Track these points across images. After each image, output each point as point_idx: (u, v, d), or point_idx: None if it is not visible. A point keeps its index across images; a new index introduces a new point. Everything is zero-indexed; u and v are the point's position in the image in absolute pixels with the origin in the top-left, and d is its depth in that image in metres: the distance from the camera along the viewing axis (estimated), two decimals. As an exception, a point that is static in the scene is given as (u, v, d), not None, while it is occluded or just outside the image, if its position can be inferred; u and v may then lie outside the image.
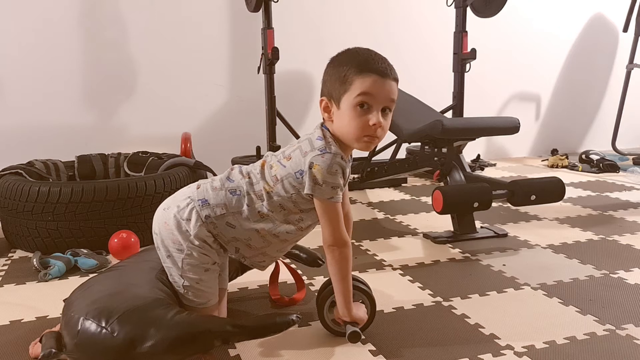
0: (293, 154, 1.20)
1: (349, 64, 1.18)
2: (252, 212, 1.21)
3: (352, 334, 1.23)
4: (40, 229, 1.91)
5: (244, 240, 1.23)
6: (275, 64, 2.82)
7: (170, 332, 1.03)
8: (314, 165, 1.15)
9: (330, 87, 1.20)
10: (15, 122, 2.93)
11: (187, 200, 1.22)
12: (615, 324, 1.34)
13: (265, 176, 1.22)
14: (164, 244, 1.22)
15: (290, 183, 1.19)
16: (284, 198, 1.20)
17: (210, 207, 1.20)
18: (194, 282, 1.20)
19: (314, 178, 1.15)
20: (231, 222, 1.21)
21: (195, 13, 3.18)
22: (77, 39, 2.99)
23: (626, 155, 3.73)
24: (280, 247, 1.29)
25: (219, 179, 1.25)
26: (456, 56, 2.98)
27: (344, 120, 1.17)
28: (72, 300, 1.15)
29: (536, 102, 4.14)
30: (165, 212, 1.23)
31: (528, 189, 1.98)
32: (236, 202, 1.21)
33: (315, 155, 1.16)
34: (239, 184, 1.23)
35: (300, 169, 1.18)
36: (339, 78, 1.18)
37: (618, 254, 1.86)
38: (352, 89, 1.16)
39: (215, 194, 1.21)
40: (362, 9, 3.52)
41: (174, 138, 2.87)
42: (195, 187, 1.25)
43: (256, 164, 1.27)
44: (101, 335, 1.02)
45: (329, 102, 1.21)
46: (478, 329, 1.33)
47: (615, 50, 4.27)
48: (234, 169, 1.28)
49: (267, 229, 1.22)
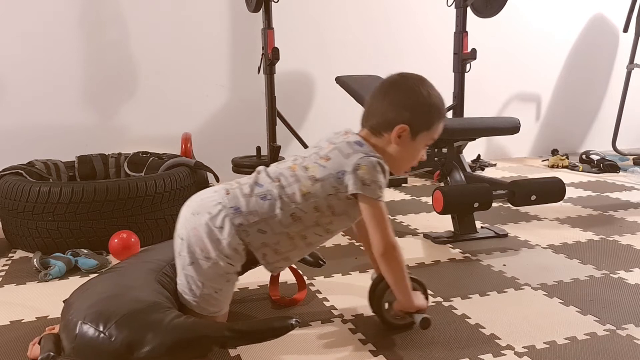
0: (331, 155, 1.22)
1: (438, 108, 1.27)
2: (285, 215, 1.20)
3: (423, 320, 1.25)
4: (40, 229, 1.91)
5: (272, 245, 1.23)
6: (275, 64, 2.82)
7: (168, 337, 1.03)
8: (361, 167, 1.18)
9: (415, 119, 1.24)
10: (16, 122, 2.93)
11: (219, 207, 1.20)
12: (615, 324, 1.33)
13: (300, 178, 1.22)
14: (190, 250, 1.20)
15: (330, 183, 1.20)
16: (321, 198, 1.20)
17: (243, 215, 1.20)
18: (213, 290, 1.21)
19: (362, 179, 1.17)
20: (263, 228, 1.20)
21: (195, 13, 3.18)
22: (78, 39, 2.99)
23: (626, 155, 3.73)
24: (303, 252, 1.29)
25: (247, 185, 1.24)
26: (456, 56, 2.98)
27: (409, 151, 1.26)
28: (71, 302, 1.15)
29: (536, 102, 4.13)
30: (194, 217, 1.22)
31: (528, 189, 1.97)
32: (268, 207, 1.20)
33: (362, 157, 1.19)
34: (268, 189, 1.22)
35: (342, 170, 1.19)
36: (426, 118, 1.25)
37: (618, 254, 1.86)
38: (431, 131, 1.27)
39: (247, 200, 1.21)
40: (362, 9, 3.52)
41: (174, 138, 2.87)
42: (223, 192, 1.24)
43: (283, 167, 1.27)
44: (99, 339, 1.02)
45: (409, 132, 1.24)
46: (478, 329, 1.33)
47: (616, 50, 4.27)
48: (260, 173, 1.27)
49: (296, 230, 1.22)
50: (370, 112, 1.28)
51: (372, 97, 1.29)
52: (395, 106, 1.24)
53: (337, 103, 3.27)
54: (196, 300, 1.21)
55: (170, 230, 2.08)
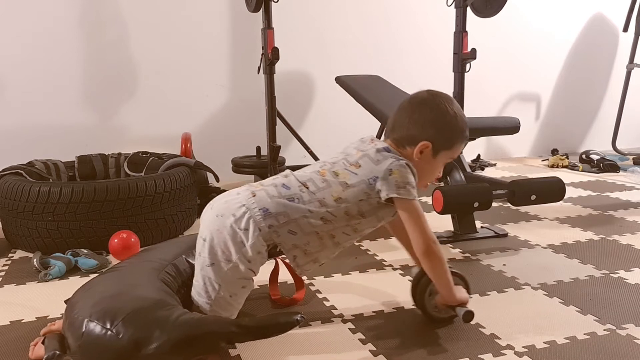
0: (362, 162, 1.25)
1: (461, 128, 1.30)
2: (315, 217, 1.22)
3: (466, 314, 1.27)
4: (40, 229, 1.91)
5: (302, 247, 1.24)
6: (275, 64, 2.82)
7: (175, 334, 1.03)
8: (393, 172, 1.21)
9: (438, 137, 1.27)
10: (16, 122, 2.93)
11: (243, 209, 1.21)
12: (615, 324, 1.33)
13: (331, 184, 1.24)
14: (211, 252, 1.21)
15: (362, 189, 1.22)
16: (352, 203, 1.23)
17: (273, 216, 1.21)
18: (228, 294, 1.21)
19: (397, 182, 1.21)
20: (293, 228, 1.22)
21: (195, 13, 3.18)
22: (78, 39, 2.99)
23: (626, 155, 3.73)
24: (332, 252, 1.30)
25: (273, 188, 1.25)
26: (456, 56, 2.97)
27: (428, 168, 1.30)
28: (75, 301, 1.15)
29: (536, 102, 4.13)
30: (219, 219, 1.22)
31: (528, 188, 1.97)
32: (297, 209, 1.22)
33: (392, 162, 1.22)
34: (296, 192, 1.24)
35: (373, 176, 1.22)
36: (449, 138, 1.29)
37: (618, 253, 1.86)
38: (452, 150, 1.31)
39: (275, 202, 1.22)
40: (362, 9, 3.52)
41: (174, 138, 2.87)
42: (248, 194, 1.24)
43: (310, 171, 1.28)
44: (106, 337, 1.02)
45: (431, 149, 1.27)
46: (478, 329, 1.33)
47: (615, 50, 4.26)
48: (288, 176, 1.28)
49: (326, 230, 1.24)
50: (395, 125, 1.30)
51: (399, 110, 1.32)
52: (422, 123, 1.27)
53: (337, 103, 3.27)
54: (210, 303, 1.21)
55: (170, 230, 2.09)
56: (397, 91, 2.83)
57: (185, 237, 1.51)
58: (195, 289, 1.25)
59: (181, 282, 1.31)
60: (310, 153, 2.97)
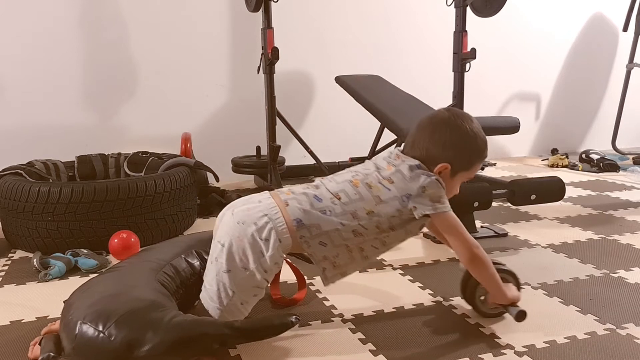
0: (394, 178, 1.25)
1: (480, 149, 1.32)
2: (347, 230, 1.23)
3: (519, 313, 1.28)
4: (40, 229, 1.91)
5: (331, 259, 1.25)
6: (275, 64, 2.82)
7: (168, 336, 1.02)
8: (427, 189, 1.23)
9: (457, 159, 1.29)
10: (15, 122, 2.93)
11: (265, 219, 1.20)
12: (615, 323, 1.33)
13: (364, 196, 1.24)
14: (229, 258, 1.20)
15: (394, 206, 1.24)
16: (385, 218, 1.24)
17: (305, 227, 1.21)
18: (240, 302, 1.21)
19: (432, 198, 1.23)
20: (324, 240, 1.23)
21: (195, 13, 3.18)
22: (77, 39, 2.99)
23: (626, 154, 3.73)
24: (359, 265, 1.31)
25: (305, 198, 1.25)
26: (456, 56, 2.98)
27: (447, 188, 1.29)
28: (71, 302, 1.15)
29: (536, 101, 4.13)
30: (240, 226, 1.21)
31: (528, 188, 1.97)
32: (329, 222, 1.22)
33: (425, 179, 1.24)
34: (328, 205, 1.24)
35: (407, 193, 1.23)
36: (468, 159, 1.31)
37: (618, 253, 1.86)
38: (470, 171, 1.33)
39: (307, 214, 1.22)
40: (362, 9, 3.52)
41: (174, 138, 2.87)
42: (271, 202, 1.23)
43: (343, 181, 1.28)
44: (98, 339, 1.02)
45: (450, 170, 1.29)
46: (478, 329, 1.33)
47: (615, 49, 4.26)
48: (319, 187, 1.28)
49: (356, 243, 1.25)
50: (415, 144, 1.31)
51: (419, 129, 1.32)
52: (442, 144, 1.27)
53: (337, 103, 3.27)
54: (221, 309, 1.20)
55: (170, 230, 2.09)
56: (397, 91, 2.83)
57: (185, 236, 1.51)
58: (207, 293, 1.23)
59: (179, 283, 1.30)
60: (310, 153, 2.96)
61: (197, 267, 1.36)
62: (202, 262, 1.37)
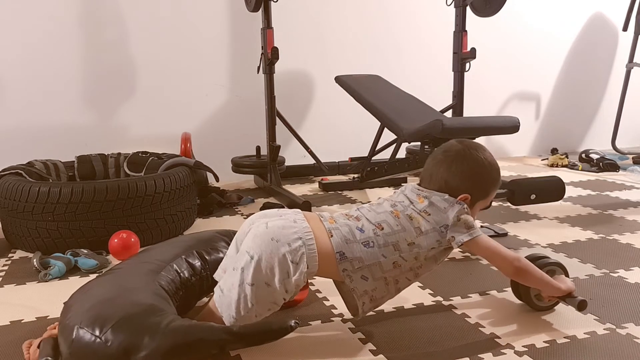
0: (430, 210, 1.27)
1: (495, 178, 1.36)
2: (388, 262, 1.23)
3: (580, 303, 1.29)
4: (40, 229, 1.91)
5: (370, 292, 1.25)
6: (275, 64, 2.82)
7: (165, 341, 1.01)
8: (461, 218, 1.26)
9: (476, 189, 1.32)
10: (15, 122, 2.93)
11: (299, 243, 1.20)
12: (615, 323, 1.34)
13: (406, 228, 1.25)
14: (257, 272, 1.18)
15: (434, 237, 1.26)
16: (425, 249, 1.25)
17: (348, 260, 1.21)
18: (255, 315, 1.20)
19: (466, 226, 1.26)
20: (365, 274, 1.23)
21: (195, 13, 3.18)
22: (77, 39, 3.00)
23: (626, 154, 3.73)
24: (391, 297, 1.31)
25: (348, 229, 1.24)
26: (456, 55, 2.98)
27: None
28: (70, 305, 1.14)
29: (536, 101, 4.14)
30: (274, 243, 1.19)
31: (528, 188, 1.97)
32: (372, 254, 1.23)
33: (456, 209, 1.27)
34: (370, 236, 1.24)
35: (445, 224, 1.26)
36: (486, 189, 1.35)
37: (618, 253, 1.86)
38: (487, 198, 1.37)
39: (350, 246, 1.22)
40: (362, 9, 3.52)
41: (174, 138, 2.87)
42: (306, 227, 1.22)
43: (383, 212, 1.29)
44: (95, 344, 1.01)
45: (470, 200, 1.31)
46: (478, 328, 1.33)
47: (615, 49, 4.27)
48: (361, 219, 1.28)
49: (393, 275, 1.26)
50: (433, 177, 1.33)
51: (434, 162, 1.35)
52: (460, 176, 1.31)
53: (337, 103, 3.27)
54: (236, 319, 1.19)
55: (170, 230, 2.09)
56: (396, 91, 2.83)
57: (185, 236, 1.51)
58: (225, 299, 1.20)
59: (180, 284, 1.29)
60: (310, 153, 2.97)
61: (197, 268, 1.35)
62: (202, 263, 1.36)
